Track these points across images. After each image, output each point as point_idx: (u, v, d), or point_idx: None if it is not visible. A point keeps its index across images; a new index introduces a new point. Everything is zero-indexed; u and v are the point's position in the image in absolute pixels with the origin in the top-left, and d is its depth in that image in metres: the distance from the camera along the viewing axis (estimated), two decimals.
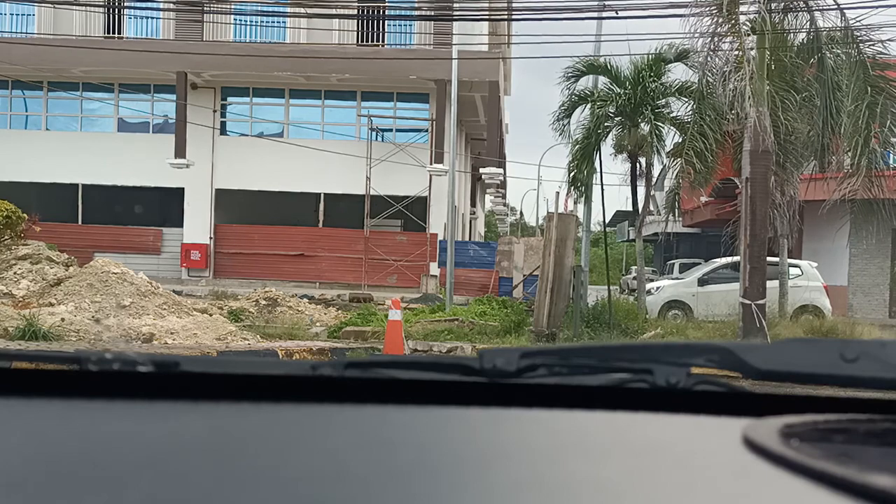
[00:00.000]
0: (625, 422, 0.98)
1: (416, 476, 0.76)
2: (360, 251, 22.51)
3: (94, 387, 1.00)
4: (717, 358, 1.05)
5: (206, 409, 0.98)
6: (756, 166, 10.15)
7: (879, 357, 1.02)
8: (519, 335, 12.01)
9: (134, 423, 0.91)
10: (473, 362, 1.05)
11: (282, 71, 21.85)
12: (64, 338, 8.15)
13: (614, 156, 15.01)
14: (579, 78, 14.78)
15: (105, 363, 1.01)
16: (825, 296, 16.12)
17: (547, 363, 1.06)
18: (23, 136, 23.84)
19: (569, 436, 0.93)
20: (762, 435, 0.83)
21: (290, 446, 0.84)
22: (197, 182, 22.94)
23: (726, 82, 10.25)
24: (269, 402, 0.99)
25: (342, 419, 0.96)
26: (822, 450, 0.79)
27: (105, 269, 9.48)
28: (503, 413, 0.99)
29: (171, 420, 0.93)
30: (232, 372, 1.07)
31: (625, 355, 1.12)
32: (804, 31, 11.39)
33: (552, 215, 12.96)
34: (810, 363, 1.03)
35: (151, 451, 0.81)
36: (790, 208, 13.25)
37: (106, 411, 0.96)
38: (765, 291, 10.43)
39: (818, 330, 13.09)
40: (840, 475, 0.69)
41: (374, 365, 1.09)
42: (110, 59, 21.62)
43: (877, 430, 0.90)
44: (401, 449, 0.85)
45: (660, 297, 16.22)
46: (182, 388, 1.01)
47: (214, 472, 0.76)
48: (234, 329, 9.35)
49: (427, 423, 0.97)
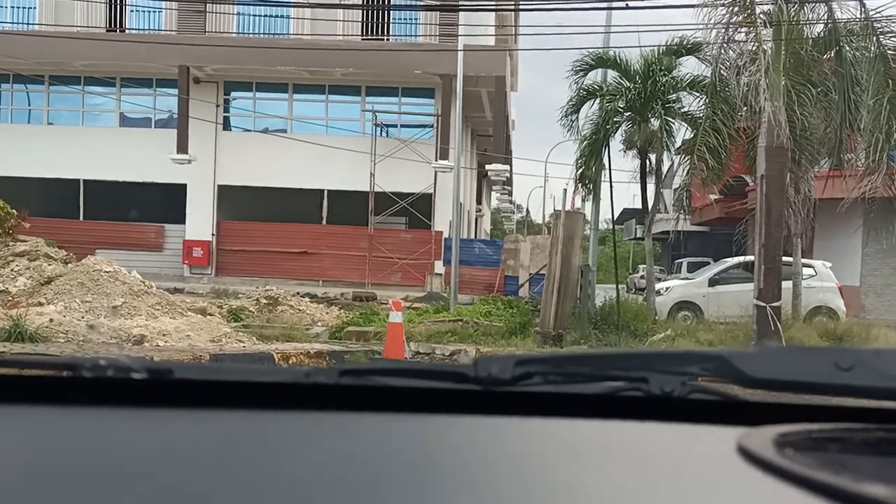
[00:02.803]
0: (620, 430, 0.99)
1: (411, 484, 0.76)
2: (364, 249, 22.19)
3: (88, 393, 1.00)
4: (711, 366, 1.05)
5: (200, 416, 0.98)
6: (772, 163, 9.77)
7: (874, 366, 1.01)
8: (525, 337, 11.71)
9: (128, 430, 0.92)
10: (468, 370, 1.04)
11: (285, 65, 21.55)
12: (51, 339, 7.85)
13: (624, 152, 14.64)
14: (588, 72, 14.41)
15: (99, 370, 1.01)
16: (839, 297, 15.72)
17: (542, 371, 1.06)
18: (24, 131, 23.60)
19: (564, 444, 0.93)
20: (757, 443, 0.84)
21: (284, 454, 0.84)
22: (199, 178, 22.68)
23: (740, 75, 9.88)
24: (263, 410, 0.99)
25: (337, 427, 0.96)
26: (816, 459, 0.80)
27: (97, 267, 9.18)
28: (498, 421, 0.99)
29: (166, 427, 0.93)
30: (227, 379, 1.08)
31: (620, 363, 1.13)
32: (822, 22, 11.00)
33: (559, 213, 12.68)
34: (805, 372, 1.03)
35: (145, 458, 0.81)
36: (804, 207, 12.84)
37: (100, 418, 0.96)
38: (780, 293, 10.07)
39: (832, 333, 12.78)
40: (834, 484, 0.70)
41: (369, 372, 1.10)
42: (112, 53, 21.42)
43: (872, 440, 0.90)
44: (395, 457, 0.85)
45: (669, 298, 15.84)
46: (176, 395, 1.01)
47: (209, 480, 0.76)
48: (229, 330, 9.03)
49: (422, 430, 0.97)
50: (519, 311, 14.00)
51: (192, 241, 23.08)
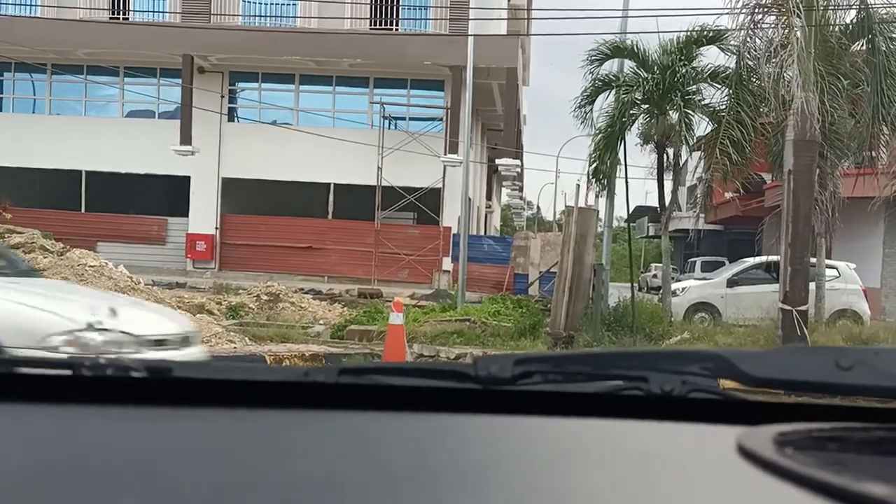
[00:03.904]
0: (619, 429, 0.98)
1: (410, 483, 0.76)
2: (371, 244, 21.70)
3: (87, 392, 0.99)
4: (712, 365, 1.05)
5: (200, 415, 0.97)
6: (800, 157, 9.18)
7: (875, 365, 1.01)
8: (535, 338, 11.19)
9: (126, 429, 0.91)
10: (468, 369, 1.04)
11: (292, 55, 21.06)
12: None
13: (641, 146, 14.02)
14: (603, 62, 13.79)
15: (98, 368, 1.01)
16: (864, 300, 15.11)
17: (541, 370, 1.05)
18: (26, 121, 23.21)
19: (563, 443, 0.93)
20: (757, 443, 0.83)
21: (283, 453, 0.84)
22: (203, 170, 22.24)
23: (768, 63, 9.28)
24: (262, 408, 0.98)
25: (336, 426, 0.96)
26: (816, 458, 0.79)
27: (82, 261, 8.68)
28: (498, 420, 0.99)
29: (165, 425, 0.93)
30: (226, 378, 1.06)
31: (619, 363, 1.12)
32: (854, 7, 10.39)
33: (571, 209, 12.15)
34: (805, 371, 1.02)
35: (144, 457, 0.81)
36: (830, 205, 12.22)
37: (99, 416, 0.95)
38: (807, 296, 9.51)
39: (857, 337, 12.26)
40: (835, 484, 0.69)
41: (369, 371, 1.10)
42: (115, 41, 21.05)
43: (872, 439, 0.90)
44: (395, 456, 0.85)
45: (686, 299, 15.25)
46: (175, 394, 1.00)
47: (208, 478, 0.76)
48: (220, 330, 8.52)
49: (421, 430, 0.97)
50: (529, 310, 13.47)
51: (196, 235, 22.66)
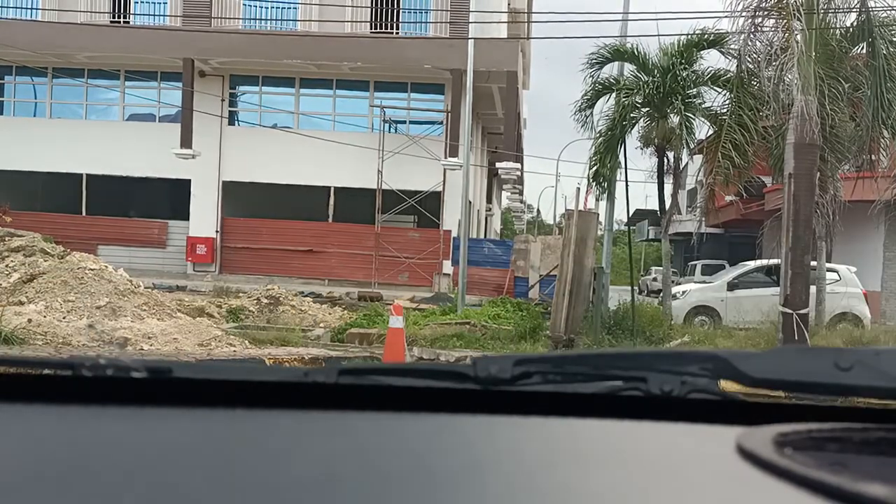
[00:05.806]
0: (618, 430, 0.98)
1: (410, 483, 0.76)
2: (371, 248, 21.68)
3: (87, 392, 0.99)
4: (711, 366, 1.04)
5: (199, 415, 0.97)
6: (801, 160, 9.16)
7: (874, 366, 1.01)
8: (535, 341, 11.19)
9: (127, 429, 0.91)
10: (467, 370, 1.04)
11: (292, 58, 21.06)
12: (28, 341, 7.34)
13: (642, 149, 14.01)
14: (604, 65, 13.79)
15: (98, 369, 1.00)
16: (864, 303, 15.09)
17: (541, 371, 1.05)
18: (27, 124, 23.19)
19: (563, 443, 0.93)
20: (756, 443, 0.83)
21: (283, 453, 0.84)
22: (204, 173, 22.22)
23: (769, 67, 9.26)
24: (262, 409, 0.98)
25: (336, 426, 0.95)
26: (815, 458, 0.79)
27: (81, 264, 8.67)
28: (497, 420, 0.99)
29: (165, 426, 0.93)
30: (225, 378, 1.06)
31: (619, 363, 1.11)
32: (854, 11, 10.38)
33: (571, 213, 12.11)
34: (805, 371, 1.02)
35: (144, 457, 0.80)
36: (831, 208, 12.21)
37: (99, 417, 0.95)
38: (808, 299, 9.48)
39: (858, 340, 12.25)
40: (834, 484, 0.69)
41: (368, 372, 1.10)
42: (116, 45, 21.07)
43: (871, 439, 0.90)
44: (394, 456, 0.85)
45: (686, 302, 15.23)
46: (175, 395, 0.99)
47: (208, 479, 0.75)
48: (220, 333, 8.51)
49: (421, 430, 0.96)
50: (529, 313, 13.46)
51: (196, 238, 22.63)
